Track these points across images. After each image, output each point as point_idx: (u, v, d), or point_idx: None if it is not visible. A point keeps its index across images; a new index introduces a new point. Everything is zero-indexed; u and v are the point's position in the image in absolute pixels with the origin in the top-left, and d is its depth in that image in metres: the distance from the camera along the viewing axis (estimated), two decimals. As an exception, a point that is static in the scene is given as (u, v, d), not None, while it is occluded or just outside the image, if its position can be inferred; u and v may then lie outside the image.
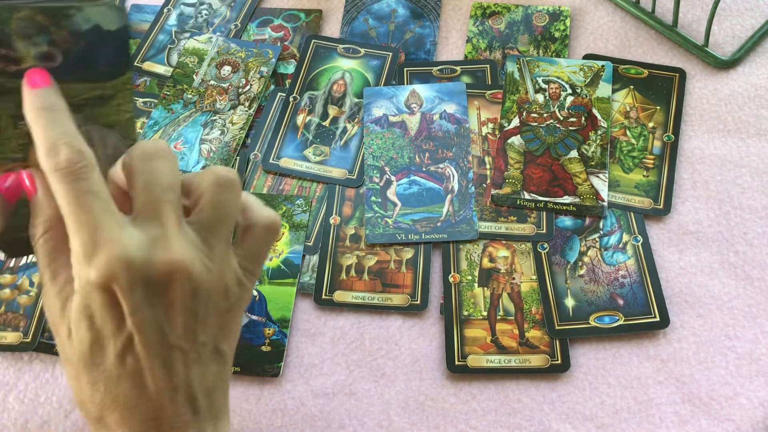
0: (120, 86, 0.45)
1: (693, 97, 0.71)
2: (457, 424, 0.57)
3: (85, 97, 0.45)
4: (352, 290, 0.63)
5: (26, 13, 0.42)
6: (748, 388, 0.57)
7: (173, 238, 0.39)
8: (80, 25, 0.44)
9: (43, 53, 0.43)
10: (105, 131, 0.45)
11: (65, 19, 0.43)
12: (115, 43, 0.44)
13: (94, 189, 0.39)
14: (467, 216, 0.65)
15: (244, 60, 0.75)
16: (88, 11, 0.44)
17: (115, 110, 0.45)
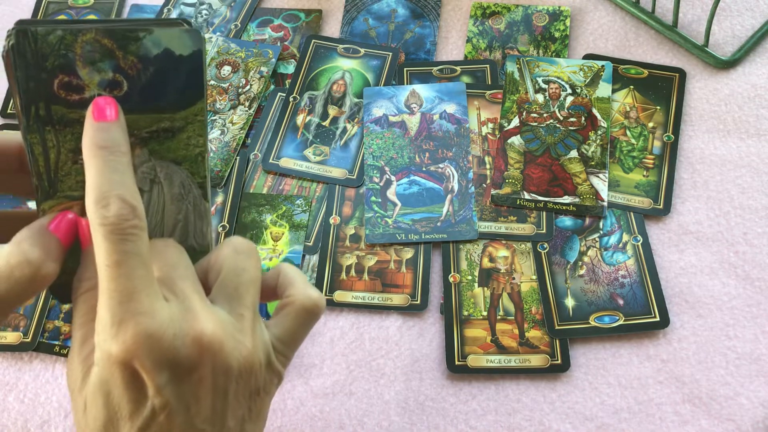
0: (191, 118, 0.41)
1: (693, 97, 0.71)
2: (457, 424, 0.57)
3: (151, 129, 0.40)
4: (352, 290, 0.63)
5: (91, 36, 0.38)
6: (748, 388, 0.57)
7: (201, 312, 0.36)
8: (150, 49, 0.39)
9: (108, 80, 0.39)
10: (172, 168, 0.41)
11: (133, 43, 0.39)
12: (187, 70, 0.40)
13: (139, 252, 0.35)
14: (467, 216, 0.65)
15: (244, 60, 0.75)
16: (158, 34, 0.39)
17: (185, 144, 0.41)
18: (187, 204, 0.42)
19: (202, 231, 0.42)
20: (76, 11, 0.81)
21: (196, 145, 0.41)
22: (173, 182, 0.41)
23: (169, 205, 0.41)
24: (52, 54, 0.38)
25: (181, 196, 0.41)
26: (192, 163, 0.41)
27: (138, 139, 0.40)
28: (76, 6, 0.81)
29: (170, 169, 0.41)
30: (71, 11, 0.81)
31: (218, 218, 0.67)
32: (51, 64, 0.38)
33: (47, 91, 0.38)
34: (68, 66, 0.38)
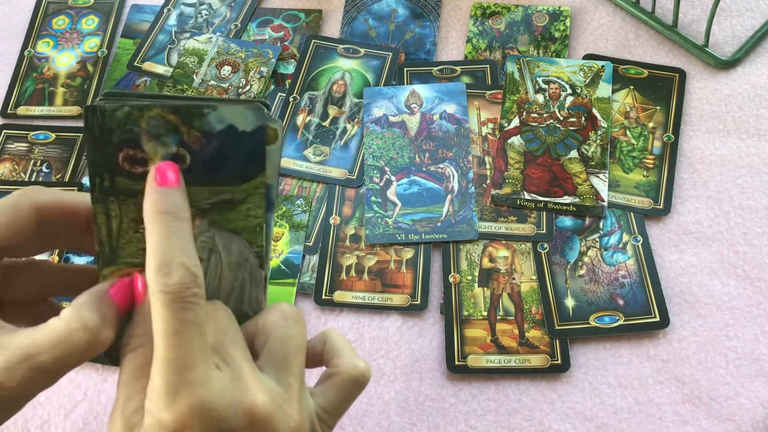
0: (252, 190, 0.41)
1: (693, 97, 0.71)
2: (457, 424, 0.57)
3: (212, 201, 0.41)
4: (352, 290, 0.63)
5: (157, 112, 0.39)
6: (748, 388, 0.57)
7: (252, 383, 0.36)
8: (213, 125, 0.39)
9: (171, 154, 0.39)
10: (230, 237, 0.41)
11: (198, 119, 0.39)
12: (249, 144, 0.40)
13: (197, 322, 0.35)
14: (467, 216, 0.65)
15: (244, 60, 0.75)
16: (222, 110, 0.40)
17: (244, 216, 0.41)
18: (244, 272, 0.42)
19: (257, 298, 0.42)
20: (76, 11, 0.81)
21: (255, 216, 0.41)
22: (231, 251, 0.41)
23: (227, 272, 0.41)
24: (119, 129, 0.39)
25: (239, 265, 0.42)
26: (251, 233, 0.41)
27: (198, 210, 0.40)
28: (76, 6, 0.81)
29: (229, 239, 0.41)
30: (71, 11, 0.81)
31: (218, 218, 0.67)
32: (117, 139, 0.39)
33: (112, 164, 0.39)
34: (133, 140, 0.39)
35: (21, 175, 0.71)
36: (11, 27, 0.80)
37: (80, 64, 0.77)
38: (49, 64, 0.77)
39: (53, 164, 0.71)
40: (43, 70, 0.77)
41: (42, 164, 0.71)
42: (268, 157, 0.40)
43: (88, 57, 0.77)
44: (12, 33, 0.80)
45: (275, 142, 0.41)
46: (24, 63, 0.77)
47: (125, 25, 0.79)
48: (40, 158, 0.72)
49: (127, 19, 0.80)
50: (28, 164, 0.71)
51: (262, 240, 0.42)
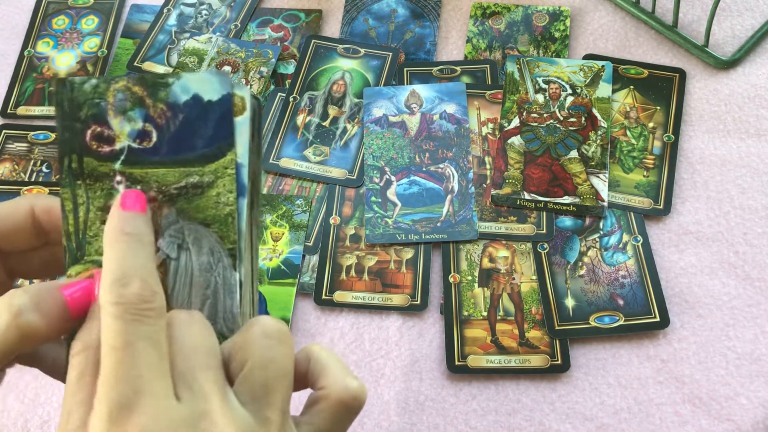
0: (221, 171, 0.39)
1: (693, 97, 0.71)
2: (457, 424, 0.57)
3: (179, 185, 0.39)
4: (352, 290, 0.63)
5: (124, 83, 0.39)
6: (748, 388, 0.57)
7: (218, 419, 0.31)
8: (178, 95, 0.39)
9: (138, 131, 0.38)
10: (201, 231, 0.38)
11: (163, 89, 0.39)
12: (216, 116, 0.39)
13: (152, 338, 0.31)
14: (467, 216, 0.65)
15: (244, 60, 0.75)
16: (186, 78, 0.39)
17: (214, 203, 0.38)
18: (216, 276, 0.38)
19: (232, 312, 0.38)
20: (76, 11, 0.81)
21: (226, 203, 0.39)
22: (202, 248, 0.38)
23: (197, 277, 0.38)
24: (86, 103, 0.38)
25: (210, 267, 0.38)
26: (222, 225, 0.39)
27: (166, 197, 0.38)
28: (76, 6, 0.81)
29: (199, 233, 0.39)
30: (71, 11, 0.81)
31: (218, 218, 0.67)
32: (85, 114, 0.38)
33: (80, 142, 0.38)
34: (101, 115, 0.38)
35: (21, 175, 0.71)
36: (11, 27, 0.80)
37: (80, 64, 0.77)
38: (49, 64, 0.77)
39: (53, 164, 0.71)
40: (43, 70, 0.77)
41: (42, 164, 0.71)
42: (237, 130, 0.39)
43: (88, 57, 0.77)
44: (12, 33, 0.80)
45: (243, 112, 0.39)
46: (24, 63, 0.77)
47: (125, 25, 0.79)
48: (40, 158, 0.72)
49: (127, 19, 0.80)
50: (28, 164, 0.71)
51: (235, 233, 0.39)
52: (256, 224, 0.41)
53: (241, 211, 0.39)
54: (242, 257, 0.39)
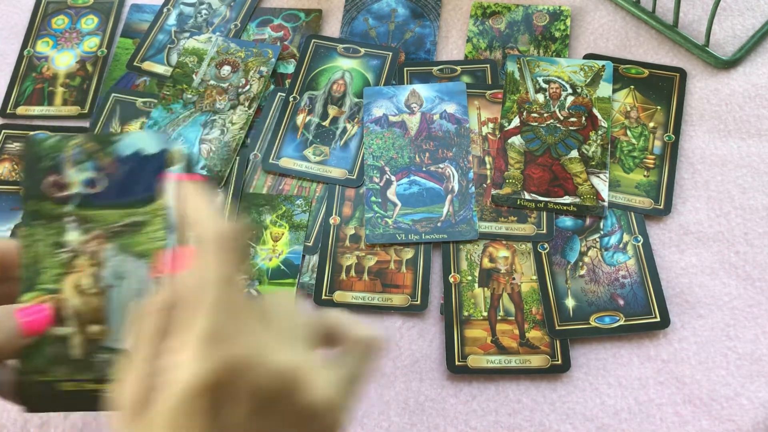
0: (154, 212, 0.46)
1: (693, 97, 0.71)
2: (457, 424, 0.57)
3: (122, 223, 0.46)
4: (352, 290, 0.63)
5: (79, 140, 0.46)
6: (748, 388, 0.57)
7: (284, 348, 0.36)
8: (123, 149, 0.47)
9: (89, 179, 0.46)
10: (136, 264, 0.45)
11: (111, 145, 0.47)
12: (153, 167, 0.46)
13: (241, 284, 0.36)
14: (467, 216, 0.65)
15: (243, 60, 0.75)
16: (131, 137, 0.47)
17: (148, 239, 0.46)
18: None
19: None
20: (76, 11, 0.80)
21: (158, 238, 0.46)
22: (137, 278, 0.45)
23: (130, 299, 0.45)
24: (47, 156, 0.46)
25: (139, 292, 0.45)
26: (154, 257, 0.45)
27: (109, 233, 0.45)
28: (76, 6, 0.81)
29: (135, 264, 0.45)
30: (71, 11, 0.80)
31: (218, 218, 0.67)
32: (45, 165, 0.46)
33: (39, 189, 0.46)
34: (58, 167, 0.46)
35: (20, 175, 0.71)
36: (11, 27, 0.80)
37: (80, 64, 0.77)
38: (49, 64, 0.77)
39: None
40: (42, 69, 0.77)
41: (41, 164, 0.71)
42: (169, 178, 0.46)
43: (88, 57, 0.77)
44: (11, 33, 0.80)
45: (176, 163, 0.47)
46: (23, 63, 0.77)
47: (125, 25, 0.79)
48: (40, 158, 0.72)
49: (126, 19, 0.80)
50: (27, 164, 0.71)
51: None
52: None
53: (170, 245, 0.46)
54: None
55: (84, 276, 0.45)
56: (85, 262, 0.46)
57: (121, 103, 0.73)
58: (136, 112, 0.72)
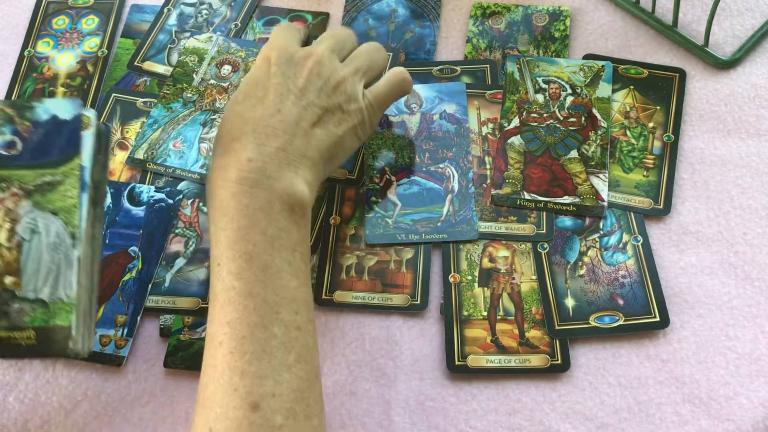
0: (69, 172, 0.50)
1: (693, 97, 0.71)
2: (457, 424, 0.57)
3: (37, 183, 0.50)
4: (352, 290, 0.63)
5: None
6: (748, 388, 0.58)
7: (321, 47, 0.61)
8: (40, 115, 0.51)
9: (7, 141, 0.51)
10: (50, 218, 0.50)
11: (29, 111, 0.51)
12: (68, 131, 0.51)
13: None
14: (467, 216, 0.65)
15: (244, 59, 0.75)
16: (48, 103, 0.52)
17: (62, 197, 0.50)
18: (60, 254, 0.50)
19: (70, 282, 0.49)
20: (76, 11, 0.81)
21: (71, 197, 0.50)
22: (50, 232, 0.50)
23: (45, 254, 0.49)
24: None
25: (56, 246, 0.49)
26: (67, 213, 0.50)
27: (25, 192, 0.50)
28: (76, 6, 0.81)
29: (48, 220, 0.50)
30: (71, 11, 0.81)
31: (218, 218, 0.67)
32: None
33: None
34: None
35: None
36: (11, 27, 0.80)
37: (80, 64, 0.77)
38: (49, 64, 0.77)
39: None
40: (43, 69, 0.77)
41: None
42: (83, 141, 0.51)
43: (88, 57, 0.77)
44: (12, 33, 0.80)
45: (89, 128, 0.52)
46: (24, 63, 0.77)
47: (125, 25, 0.79)
48: (40, 158, 0.72)
49: (127, 19, 0.80)
50: (28, 164, 0.71)
51: (77, 219, 0.50)
52: (99, 220, 0.53)
53: (83, 202, 0.50)
54: (81, 239, 0.50)
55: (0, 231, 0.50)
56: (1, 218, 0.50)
57: (121, 103, 0.73)
58: (136, 112, 0.73)
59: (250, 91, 0.58)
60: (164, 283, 0.64)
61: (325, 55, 0.60)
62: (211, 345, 0.50)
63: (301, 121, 0.56)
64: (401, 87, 0.64)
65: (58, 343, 0.49)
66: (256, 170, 0.53)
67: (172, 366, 0.60)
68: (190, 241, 0.66)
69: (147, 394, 0.60)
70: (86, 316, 0.51)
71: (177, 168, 0.69)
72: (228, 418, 0.46)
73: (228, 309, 0.50)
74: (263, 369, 0.48)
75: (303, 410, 0.48)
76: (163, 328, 0.62)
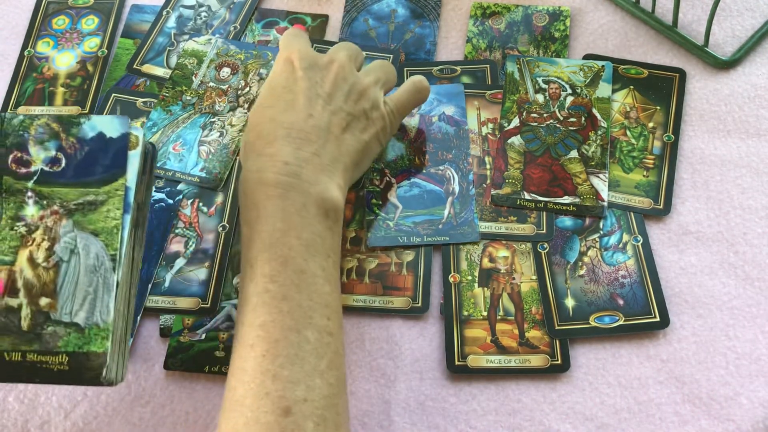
0: (113, 192, 0.49)
1: (693, 97, 0.71)
2: (457, 424, 0.58)
3: (79, 202, 0.49)
4: (353, 293, 0.63)
5: (45, 120, 0.50)
6: (748, 388, 0.58)
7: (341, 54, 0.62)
8: (87, 132, 0.50)
9: (51, 158, 0.49)
10: (90, 239, 0.48)
11: (75, 127, 0.50)
12: (114, 149, 0.49)
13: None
14: (469, 218, 0.65)
15: (243, 62, 0.75)
16: (96, 120, 0.50)
17: (104, 217, 0.48)
18: (98, 277, 0.48)
19: (107, 307, 0.48)
20: (76, 11, 0.81)
21: (113, 218, 0.48)
22: (89, 253, 0.48)
23: (83, 276, 0.47)
24: (13, 133, 0.49)
25: (94, 269, 0.48)
26: (108, 235, 0.48)
27: (66, 210, 0.48)
28: (76, 6, 0.81)
29: (88, 241, 0.48)
30: (71, 11, 0.81)
31: (218, 218, 0.67)
32: (10, 142, 0.49)
33: (3, 164, 0.49)
34: (22, 144, 0.49)
35: None
36: (11, 27, 0.80)
37: (80, 64, 0.77)
38: (49, 64, 0.77)
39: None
40: (43, 70, 0.77)
41: (42, 165, 0.71)
42: (129, 161, 0.49)
43: (88, 57, 0.77)
44: (12, 33, 0.80)
45: (136, 147, 0.50)
46: (24, 63, 0.77)
47: (125, 25, 0.79)
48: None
49: (127, 19, 0.80)
50: (28, 165, 0.71)
51: (118, 242, 0.48)
52: (139, 243, 0.52)
53: (125, 225, 0.49)
54: (121, 263, 0.48)
55: (38, 250, 0.48)
56: (40, 236, 0.48)
57: (121, 103, 0.73)
58: (136, 112, 0.73)
59: (279, 95, 0.58)
60: (164, 283, 0.64)
61: (346, 63, 0.61)
62: (241, 347, 0.49)
63: (331, 126, 0.57)
64: (420, 95, 0.65)
65: (91, 371, 0.47)
66: (293, 174, 0.54)
67: (171, 368, 0.60)
68: (190, 241, 0.66)
69: (147, 394, 0.60)
70: (121, 343, 0.49)
71: (176, 171, 0.69)
72: (259, 422, 0.46)
73: (261, 311, 0.49)
74: (296, 374, 0.47)
75: (333, 418, 0.48)
76: (163, 328, 0.62)
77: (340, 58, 0.61)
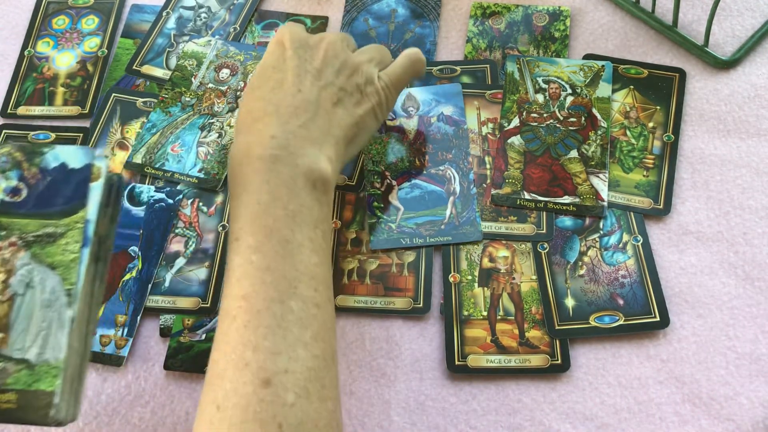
0: (72, 224, 0.47)
1: (693, 97, 0.71)
2: (457, 424, 0.58)
3: (38, 233, 0.47)
4: (354, 294, 0.63)
5: (8, 149, 0.49)
6: (748, 387, 0.58)
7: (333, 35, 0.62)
8: (49, 162, 0.49)
9: (12, 187, 0.48)
10: (46, 273, 0.47)
11: (38, 156, 0.49)
12: (76, 181, 0.48)
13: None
14: (471, 217, 0.65)
15: (242, 63, 0.75)
16: (59, 150, 0.49)
17: (62, 250, 0.47)
18: (53, 312, 0.46)
19: (59, 344, 0.46)
20: (76, 11, 0.81)
21: (72, 251, 0.47)
22: (45, 288, 0.46)
23: (38, 312, 0.46)
24: None
25: (49, 303, 0.46)
26: (65, 269, 0.47)
27: (24, 242, 0.47)
28: (76, 6, 0.81)
29: (45, 274, 0.47)
30: (71, 11, 0.81)
31: (218, 218, 0.67)
32: None
33: None
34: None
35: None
36: (11, 27, 0.80)
37: (80, 64, 0.77)
38: (49, 64, 0.77)
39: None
40: (43, 69, 0.77)
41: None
42: (91, 193, 0.48)
43: (88, 57, 0.77)
44: (12, 33, 0.80)
45: (98, 179, 0.48)
46: (24, 63, 0.77)
47: (125, 25, 0.79)
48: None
49: (127, 19, 0.80)
50: (28, 165, 0.71)
51: (75, 276, 0.47)
52: (100, 278, 0.49)
53: (83, 258, 0.47)
54: (77, 297, 0.47)
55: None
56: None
57: (121, 103, 0.73)
58: (136, 112, 0.73)
59: (268, 75, 0.58)
60: (164, 283, 0.64)
61: (337, 40, 0.61)
62: (224, 320, 0.48)
63: (321, 100, 0.57)
64: (415, 66, 0.64)
65: (39, 410, 0.45)
66: (279, 147, 0.53)
67: (172, 368, 0.60)
68: (190, 241, 0.66)
69: (147, 394, 0.60)
70: (74, 381, 0.47)
71: (175, 172, 0.69)
72: (237, 394, 0.45)
73: (244, 283, 0.49)
74: (278, 344, 0.46)
75: (317, 391, 0.47)
76: (163, 328, 0.62)
77: (331, 36, 0.61)
